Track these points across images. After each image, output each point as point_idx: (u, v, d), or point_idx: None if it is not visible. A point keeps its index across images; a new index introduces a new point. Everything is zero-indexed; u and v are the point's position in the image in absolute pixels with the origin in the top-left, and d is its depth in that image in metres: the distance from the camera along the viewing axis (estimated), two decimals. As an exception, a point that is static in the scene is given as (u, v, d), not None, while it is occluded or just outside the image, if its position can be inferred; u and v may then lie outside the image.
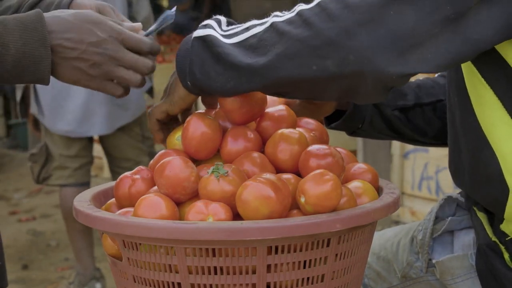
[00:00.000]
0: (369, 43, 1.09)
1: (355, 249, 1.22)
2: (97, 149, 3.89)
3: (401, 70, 1.11)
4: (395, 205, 1.24)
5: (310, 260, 1.16)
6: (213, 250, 1.14)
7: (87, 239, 3.65)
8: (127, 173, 1.33)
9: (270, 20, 1.18)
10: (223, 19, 1.26)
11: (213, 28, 1.22)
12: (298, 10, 1.15)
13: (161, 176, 1.22)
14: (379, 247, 1.68)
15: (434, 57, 1.11)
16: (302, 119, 1.40)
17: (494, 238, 1.36)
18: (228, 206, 1.18)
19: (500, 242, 1.35)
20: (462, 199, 1.53)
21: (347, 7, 1.10)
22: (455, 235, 1.54)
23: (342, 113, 1.57)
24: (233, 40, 1.19)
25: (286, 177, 1.24)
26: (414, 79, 1.61)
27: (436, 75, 1.66)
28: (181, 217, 1.21)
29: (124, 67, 1.31)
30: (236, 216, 1.18)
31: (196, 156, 1.30)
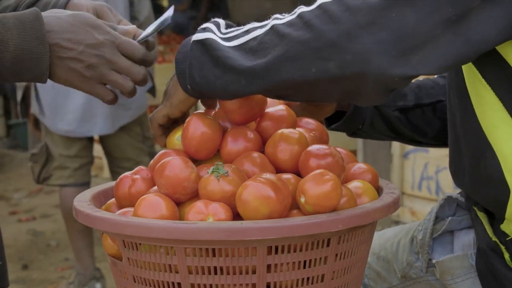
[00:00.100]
0: (370, 45, 1.09)
1: (355, 249, 1.22)
2: (97, 149, 3.89)
3: (403, 72, 1.10)
4: (395, 205, 1.24)
5: (310, 260, 1.16)
6: (213, 250, 1.14)
7: (87, 239, 3.65)
8: (127, 173, 1.33)
9: (271, 22, 1.18)
10: (221, 22, 1.25)
11: (212, 31, 1.21)
12: (299, 12, 1.15)
13: (161, 176, 1.22)
14: (379, 247, 1.68)
15: (435, 58, 1.11)
16: (302, 119, 1.40)
17: (494, 238, 1.36)
18: (228, 206, 1.18)
19: (500, 242, 1.35)
20: (462, 199, 1.53)
21: (348, 9, 1.10)
22: (455, 235, 1.54)
23: (342, 114, 1.57)
24: (233, 43, 1.19)
25: (286, 177, 1.24)
26: (414, 80, 1.61)
27: (436, 76, 1.66)
28: (181, 217, 1.21)
29: (118, 72, 1.31)
30: (236, 216, 1.18)
31: (196, 156, 1.30)
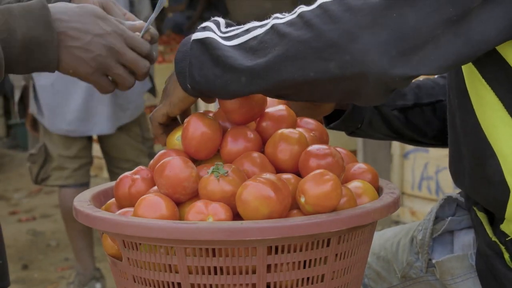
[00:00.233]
0: (371, 45, 1.09)
1: (355, 249, 1.22)
2: (97, 149, 3.88)
3: (404, 72, 1.10)
4: (395, 205, 1.24)
5: (310, 260, 1.16)
6: (213, 250, 1.13)
7: (87, 239, 3.65)
8: (127, 173, 1.33)
9: (271, 22, 1.17)
10: (221, 21, 1.25)
11: (212, 30, 1.21)
12: (299, 12, 1.15)
13: (161, 176, 1.22)
14: (379, 247, 1.68)
15: (436, 58, 1.11)
16: (302, 119, 1.40)
17: (494, 238, 1.36)
18: (228, 206, 1.18)
19: (500, 242, 1.35)
20: (462, 199, 1.52)
21: (349, 9, 1.10)
22: (455, 235, 1.54)
23: (341, 113, 1.57)
24: (233, 42, 1.19)
25: (286, 177, 1.24)
26: (414, 80, 1.61)
27: (436, 76, 1.65)
28: (181, 217, 1.21)
29: (123, 65, 1.31)
30: (236, 216, 1.18)
31: (196, 156, 1.30)
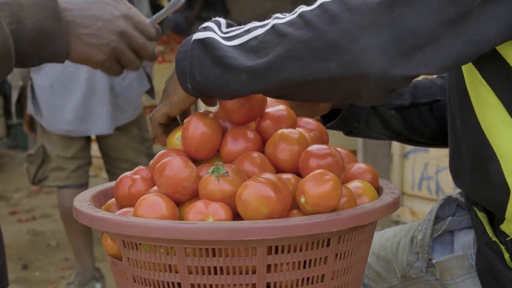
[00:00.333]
0: (371, 45, 1.09)
1: (355, 249, 1.22)
2: (97, 148, 3.88)
3: (404, 72, 1.10)
4: (395, 205, 1.24)
5: (310, 260, 1.16)
6: (213, 250, 1.14)
7: (86, 239, 3.64)
8: (127, 173, 1.33)
9: (271, 22, 1.18)
10: (222, 21, 1.25)
11: (213, 31, 1.21)
12: (300, 12, 1.15)
13: (161, 176, 1.22)
14: (379, 247, 1.68)
15: (436, 58, 1.11)
16: (302, 119, 1.40)
17: (494, 238, 1.36)
18: (228, 206, 1.18)
19: (500, 242, 1.35)
20: (462, 199, 1.52)
21: (349, 9, 1.10)
22: (455, 235, 1.54)
23: (338, 112, 1.56)
24: (233, 42, 1.19)
25: (286, 177, 1.24)
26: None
27: (435, 75, 1.65)
28: (181, 217, 1.21)
29: (132, 49, 1.31)
30: (236, 216, 1.18)
31: (196, 156, 1.30)
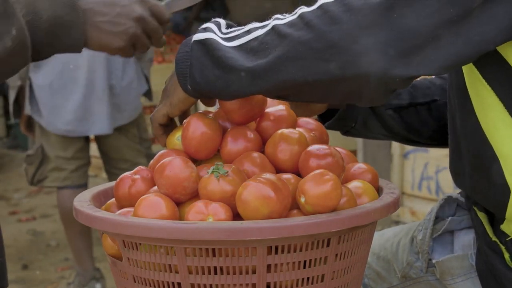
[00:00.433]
0: (371, 46, 1.09)
1: (355, 249, 1.22)
2: (96, 149, 3.88)
3: (404, 73, 1.10)
4: (395, 205, 1.24)
5: (310, 260, 1.16)
6: (213, 250, 1.14)
7: (86, 240, 3.64)
8: (127, 173, 1.33)
9: (272, 22, 1.17)
10: (222, 22, 1.25)
11: (213, 31, 1.21)
12: (300, 12, 1.15)
13: (161, 176, 1.22)
14: (379, 247, 1.68)
15: (436, 59, 1.11)
16: (302, 119, 1.40)
17: (494, 238, 1.36)
18: (228, 206, 1.18)
19: (501, 242, 1.35)
20: (462, 199, 1.52)
21: (349, 10, 1.10)
22: (455, 235, 1.54)
23: (335, 112, 1.56)
24: (233, 43, 1.19)
25: (286, 177, 1.24)
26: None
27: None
28: (181, 217, 1.21)
29: (145, 33, 1.31)
30: (236, 216, 1.18)
31: (196, 156, 1.30)
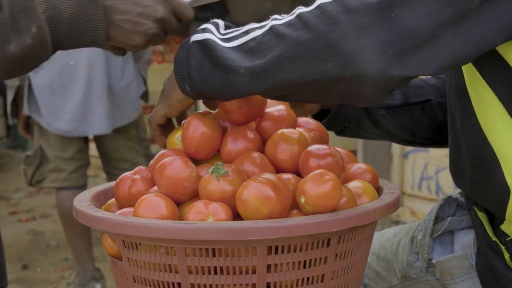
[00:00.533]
0: (369, 46, 1.09)
1: (355, 249, 1.22)
2: (95, 148, 3.88)
3: (402, 73, 1.10)
4: (395, 205, 1.24)
5: (310, 260, 1.16)
6: (213, 250, 1.14)
7: (85, 240, 3.63)
8: (127, 173, 1.33)
9: (270, 23, 1.18)
10: (221, 22, 1.25)
11: (211, 32, 1.21)
12: (298, 12, 1.15)
13: (161, 176, 1.22)
14: (379, 247, 1.68)
15: (434, 59, 1.11)
16: (302, 119, 1.40)
17: (494, 238, 1.36)
18: (228, 206, 1.18)
19: (501, 242, 1.35)
20: (462, 199, 1.52)
21: (347, 10, 1.10)
22: (455, 235, 1.54)
23: (328, 112, 1.56)
24: (232, 43, 1.19)
25: (286, 177, 1.24)
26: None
27: (429, 75, 1.65)
28: (181, 217, 1.21)
29: (164, 32, 1.31)
30: (236, 216, 1.18)
31: (196, 156, 1.30)
